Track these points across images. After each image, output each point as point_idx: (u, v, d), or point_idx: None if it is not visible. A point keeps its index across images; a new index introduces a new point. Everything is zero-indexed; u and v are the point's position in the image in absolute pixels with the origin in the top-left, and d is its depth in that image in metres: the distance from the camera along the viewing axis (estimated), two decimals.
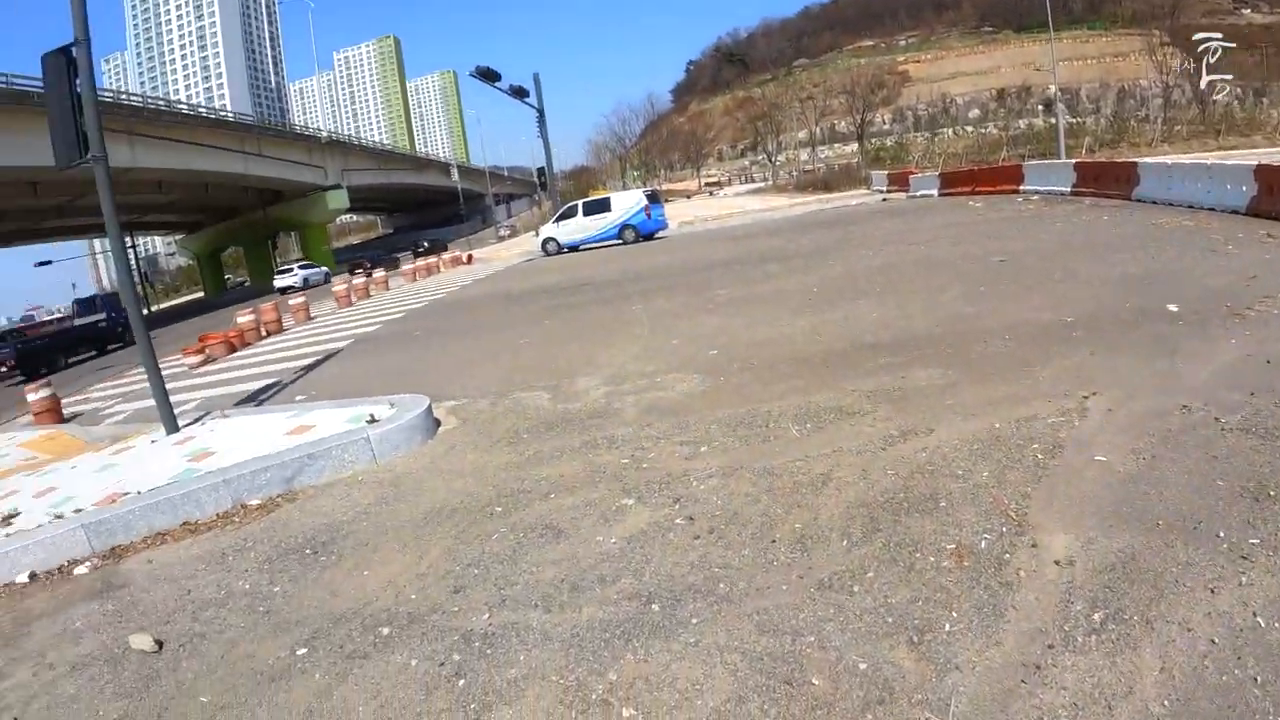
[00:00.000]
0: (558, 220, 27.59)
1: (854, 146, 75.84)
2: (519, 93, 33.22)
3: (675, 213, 33.09)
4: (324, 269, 48.23)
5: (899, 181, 30.76)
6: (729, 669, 2.60)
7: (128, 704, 3.35)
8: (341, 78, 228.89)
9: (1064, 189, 18.30)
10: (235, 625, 3.80)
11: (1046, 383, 4.93)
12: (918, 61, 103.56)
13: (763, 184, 70.59)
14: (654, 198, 26.98)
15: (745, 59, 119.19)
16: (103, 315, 27.10)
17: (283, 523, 5.13)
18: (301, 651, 3.37)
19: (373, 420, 6.28)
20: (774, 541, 3.39)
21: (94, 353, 24.39)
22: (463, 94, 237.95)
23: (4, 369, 22.39)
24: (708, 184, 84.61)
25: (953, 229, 14.54)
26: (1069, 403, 4.48)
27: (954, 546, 3.10)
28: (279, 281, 43.24)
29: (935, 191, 25.30)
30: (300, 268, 46.03)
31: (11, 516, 6.17)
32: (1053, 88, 57.64)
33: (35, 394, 12.26)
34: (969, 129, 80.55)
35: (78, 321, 28.67)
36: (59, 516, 5.80)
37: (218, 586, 4.31)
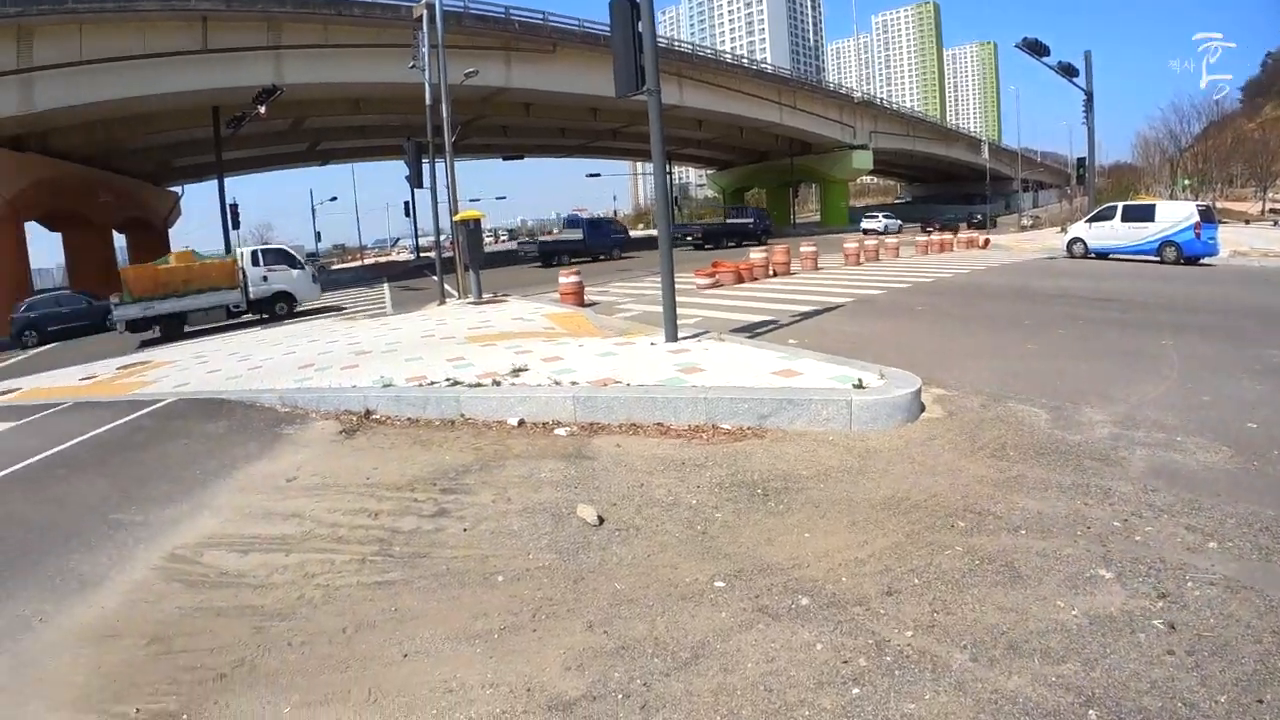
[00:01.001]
0: (1090, 220, 25.21)
1: None
2: (1068, 71, 31.87)
3: (1226, 237, 27.17)
4: (899, 221, 58.39)
5: None
6: None
7: (555, 559, 3.88)
8: (878, 41, 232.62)
9: None
10: (670, 532, 4.11)
11: None
12: None
13: None
14: (1207, 215, 22.73)
15: None
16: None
17: (745, 454, 5.39)
18: (719, 584, 3.50)
19: (859, 385, 6.27)
20: (1261, 702, 2.63)
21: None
22: (1000, 69, 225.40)
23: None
24: (1272, 210, 67.46)
25: None
26: None
27: None
28: (865, 224, 54.70)
29: None
30: (884, 216, 57.37)
31: (521, 370, 7.82)
32: None
33: (566, 278, 15.15)
34: None
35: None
36: (557, 383, 7.04)
37: (668, 491, 4.72)
